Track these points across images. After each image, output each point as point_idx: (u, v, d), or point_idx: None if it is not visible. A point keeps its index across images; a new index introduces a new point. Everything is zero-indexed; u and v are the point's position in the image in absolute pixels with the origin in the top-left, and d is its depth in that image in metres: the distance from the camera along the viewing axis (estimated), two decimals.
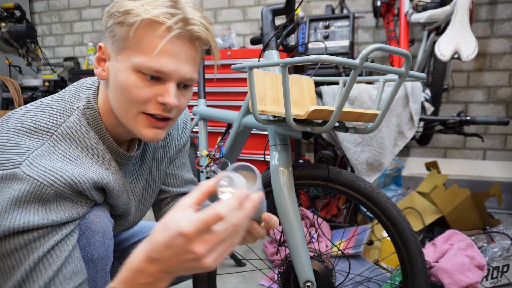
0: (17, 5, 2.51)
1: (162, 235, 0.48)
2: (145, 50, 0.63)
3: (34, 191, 0.60)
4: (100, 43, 0.69)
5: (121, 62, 0.65)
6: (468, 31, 1.64)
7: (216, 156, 1.24)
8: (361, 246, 1.66)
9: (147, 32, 0.63)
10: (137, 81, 0.64)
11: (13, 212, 0.58)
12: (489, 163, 2.52)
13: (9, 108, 2.57)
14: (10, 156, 0.61)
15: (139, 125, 0.68)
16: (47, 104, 0.70)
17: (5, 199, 0.58)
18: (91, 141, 0.70)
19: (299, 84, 1.11)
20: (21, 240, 0.59)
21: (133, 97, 0.65)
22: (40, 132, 0.65)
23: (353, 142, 1.52)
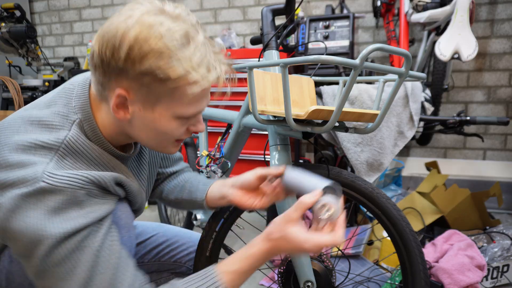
0: (17, 5, 2.51)
1: (286, 246, 0.68)
2: (188, 102, 0.66)
3: (68, 197, 0.61)
4: (120, 90, 0.63)
5: (159, 112, 0.66)
6: (468, 31, 1.64)
7: (216, 156, 1.24)
8: (361, 246, 1.66)
9: (201, 92, 0.66)
10: (178, 126, 0.69)
11: (57, 220, 0.60)
12: (489, 163, 2.52)
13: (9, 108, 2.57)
14: (26, 173, 0.60)
15: (169, 147, 0.74)
16: (41, 119, 0.66)
17: (44, 211, 0.59)
18: (95, 153, 0.69)
19: (299, 84, 1.11)
20: (72, 242, 0.61)
21: (173, 137, 0.71)
22: (44, 149, 0.63)
23: (353, 142, 1.52)
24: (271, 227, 0.69)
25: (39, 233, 0.58)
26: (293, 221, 0.67)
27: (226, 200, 0.89)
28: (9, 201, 0.59)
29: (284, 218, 0.68)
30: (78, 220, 0.61)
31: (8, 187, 0.59)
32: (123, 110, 0.66)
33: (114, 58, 0.60)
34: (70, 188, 0.61)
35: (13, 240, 0.60)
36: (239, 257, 0.70)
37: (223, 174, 1.22)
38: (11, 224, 0.59)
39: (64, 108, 0.69)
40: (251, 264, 0.70)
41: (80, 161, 0.67)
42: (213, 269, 0.70)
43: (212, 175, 1.22)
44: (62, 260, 0.60)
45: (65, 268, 0.61)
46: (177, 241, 1.05)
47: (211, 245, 1.01)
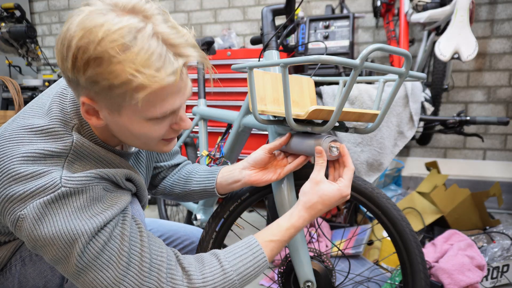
0: (17, 5, 2.51)
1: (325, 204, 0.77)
2: (154, 103, 0.61)
3: (90, 194, 0.63)
4: (82, 98, 0.61)
5: (127, 116, 0.63)
6: (468, 31, 1.64)
7: (216, 156, 1.24)
8: (361, 246, 1.66)
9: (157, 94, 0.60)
10: (152, 126, 0.65)
11: (86, 218, 0.61)
12: (489, 163, 2.52)
13: (9, 108, 2.57)
14: (44, 182, 0.60)
15: (158, 146, 0.72)
16: (43, 128, 0.65)
17: (72, 213, 0.61)
18: (100, 154, 0.70)
19: (299, 84, 1.11)
20: (105, 234, 0.63)
21: (152, 137, 0.68)
22: (53, 158, 0.64)
23: (353, 142, 1.52)
24: (305, 197, 0.77)
25: (72, 234, 0.60)
26: (321, 180, 0.77)
27: (240, 183, 0.91)
28: (34, 211, 0.59)
29: (312, 181, 0.78)
30: (104, 214, 0.63)
31: (29, 198, 0.59)
32: (94, 116, 0.64)
33: (65, 68, 0.59)
34: (88, 186, 0.63)
35: (46, 247, 0.60)
36: (279, 228, 0.76)
37: None
38: (41, 233, 0.59)
39: (61, 114, 0.68)
40: (292, 234, 0.77)
41: (88, 164, 0.68)
42: (254, 239, 0.75)
43: None
44: (99, 253, 0.62)
45: (104, 258, 0.62)
46: (172, 235, 1.06)
47: (211, 245, 1.01)
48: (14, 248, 0.75)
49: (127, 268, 0.64)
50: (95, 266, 0.62)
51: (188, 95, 0.67)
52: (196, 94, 1.64)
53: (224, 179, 0.93)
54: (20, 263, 0.75)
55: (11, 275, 0.76)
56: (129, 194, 0.73)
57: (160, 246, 0.69)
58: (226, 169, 0.95)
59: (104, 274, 0.62)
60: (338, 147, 0.79)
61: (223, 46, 2.62)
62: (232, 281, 0.70)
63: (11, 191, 0.59)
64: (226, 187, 0.94)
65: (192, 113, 1.59)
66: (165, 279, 0.66)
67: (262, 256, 0.73)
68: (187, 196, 1.00)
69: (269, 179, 0.89)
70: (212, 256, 0.73)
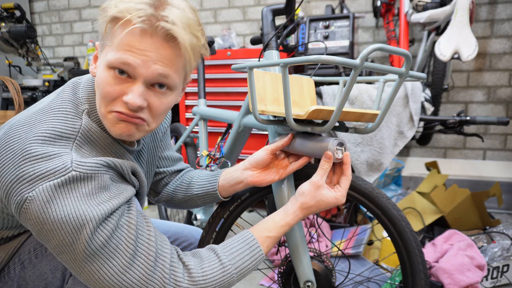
0: (17, 5, 2.51)
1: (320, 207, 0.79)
2: (115, 46, 0.63)
3: (98, 182, 0.64)
4: (97, 42, 0.71)
5: (101, 58, 0.67)
6: (468, 31, 1.64)
7: (216, 156, 1.24)
8: (361, 246, 1.66)
9: (114, 28, 0.63)
10: (108, 77, 0.64)
11: (94, 205, 0.62)
12: (489, 163, 2.52)
13: (9, 108, 2.57)
14: (55, 164, 0.61)
15: (109, 122, 0.67)
16: (53, 108, 0.68)
17: (80, 198, 0.61)
18: (106, 141, 0.71)
19: (299, 84, 1.11)
20: (112, 222, 0.63)
21: (103, 93, 0.65)
22: (62, 139, 0.65)
23: (353, 142, 1.52)
24: (303, 197, 0.79)
25: (81, 218, 0.60)
26: (322, 186, 0.78)
27: (242, 184, 0.91)
28: (43, 194, 0.58)
29: (314, 185, 0.78)
30: (111, 202, 0.64)
31: (39, 180, 0.59)
32: (95, 63, 0.71)
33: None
34: (98, 173, 0.64)
35: (54, 231, 0.59)
36: (275, 224, 0.78)
37: None
38: (50, 216, 0.59)
39: (73, 97, 0.71)
40: (286, 231, 0.79)
41: (95, 149, 0.69)
42: (251, 234, 0.77)
43: None
44: (106, 241, 0.62)
45: (111, 247, 0.63)
46: (171, 236, 1.05)
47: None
48: (12, 251, 0.74)
49: (133, 257, 0.64)
50: (102, 255, 0.62)
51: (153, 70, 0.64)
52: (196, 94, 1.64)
53: (226, 181, 0.93)
54: (19, 267, 0.74)
55: (10, 279, 0.75)
56: (132, 188, 0.73)
57: (165, 241, 0.71)
58: (227, 171, 0.94)
59: (111, 263, 0.62)
60: (343, 150, 0.80)
61: (223, 46, 2.62)
62: (230, 275, 0.71)
63: (21, 171, 0.59)
64: (228, 189, 0.93)
65: (192, 113, 1.59)
66: (168, 274, 0.66)
67: (258, 250, 0.75)
68: (190, 201, 1.00)
69: (272, 179, 0.89)
70: (210, 251, 0.74)
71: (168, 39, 0.63)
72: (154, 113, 0.69)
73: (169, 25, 0.62)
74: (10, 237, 0.75)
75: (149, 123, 0.69)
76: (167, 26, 0.62)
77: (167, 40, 0.63)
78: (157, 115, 0.69)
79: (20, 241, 0.75)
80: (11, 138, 0.63)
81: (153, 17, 0.61)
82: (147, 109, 0.67)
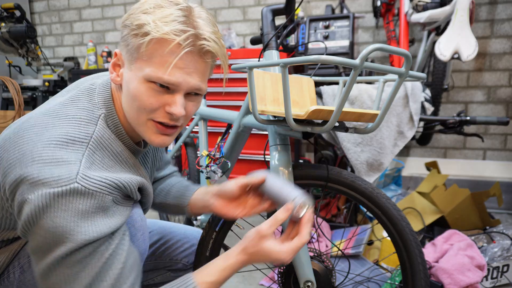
0: (17, 5, 2.51)
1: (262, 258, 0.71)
2: (156, 63, 0.66)
3: (98, 202, 0.63)
4: (116, 49, 0.72)
5: (133, 71, 0.68)
6: (468, 31, 1.64)
7: (216, 156, 1.24)
8: (361, 246, 1.66)
9: (158, 47, 0.66)
10: (147, 90, 0.67)
11: (83, 225, 0.61)
12: (489, 163, 2.52)
13: (9, 108, 2.57)
14: (60, 172, 0.61)
15: (148, 131, 0.71)
16: (68, 114, 0.69)
17: (74, 214, 0.60)
18: (118, 148, 0.72)
19: (299, 84, 1.11)
20: (90, 248, 0.62)
21: (143, 105, 0.68)
22: (75, 144, 0.65)
23: (353, 142, 1.52)
24: (246, 241, 0.72)
25: (65, 235, 0.60)
26: (267, 236, 0.70)
27: (208, 209, 0.90)
28: (40, 199, 0.59)
29: (258, 233, 0.71)
30: (102, 228, 0.63)
31: (41, 185, 0.59)
32: (116, 71, 0.72)
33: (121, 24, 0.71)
34: (100, 193, 0.63)
35: (36, 235, 0.61)
36: (216, 268, 0.72)
37: (223, 174, 1.22)
38: (39, 221, 0.59)
39: (89, 103, 0.72)
40: (227, 275, 0.72)
41: (107, 156, 0.69)
42: (191, 278, 0.71)
43: (212, 175, 1.22)
44: (74, 263, 0.61)
45: (74, 271, 0.61)
46: (172, 238, 1.05)
47: (211, 245, 1.01)
48: (12, 254, 0.74)
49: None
50: (63, 275, 0.61)
51: (193, 84, 0.69)
52: None
53: (197, 200, 0.93)
54: (19, 270, 0.74)
55: (10, 283, 0.75)
56: (130, 208, 0.73)
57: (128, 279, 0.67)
58: (202, 190, 0.95)
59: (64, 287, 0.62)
60: (306, 209, 0.72)
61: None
62: None
63: (28, 172, 0.60)
64: (197, 209, 0.94)
65: None
66: None
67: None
68: (165, 208, 1.00)
69: (235, 215, 0.86)
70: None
71: (203, 54, 0.69)
72: (188, 117, 0.74)
73: (207, 42, 0.67)
74: (11, 240, 0.75)
75: (181, 126, 0.74)
76: (206, 44, 0.67)
77: (201, 55, 0.69)
78: (188, 118, 0.76)
79: (21, 244, 0.75)
80: (21, 139, 0.64)
81: (194, 37, 0.66)
82: (183, 115, 0.71)
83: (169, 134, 0.73)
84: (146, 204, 0.84)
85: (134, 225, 0.74)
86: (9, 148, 0.64)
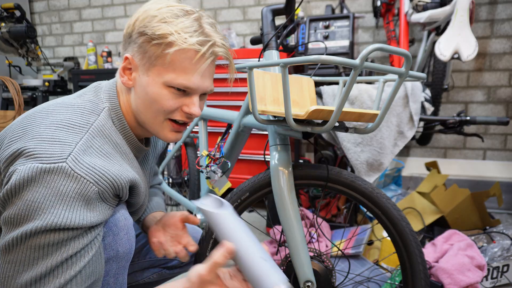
0: (17, 5, 2.51)
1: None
2: (178, 70, 0.72)
3: (80, 188, 0.63)
4: (127, 54, 0.74)
5: (151, 77, 0.73)
6: (468, 31, 1.64)
7: (216, 156, 1.24)
8: (361, 246, 1.66)
9: (180, 55, 0.71)
10: (167, 94, 0.73)
11: (58, 208, 0.61)
12: (489, 163, 2.52)
13: (9, 108, 2.57)
14: (54, 150, 0.63)
15: (164, 129, 0.77)
16: (74, 104, 0.73)
17: (53, 193, 0.61)
18: (118, 140, 0.74)
19: (299, 84, 1.11)
20: (57, 237, 0.61)
21: (163, 107, 0.74)
22: (76, 128, 0.68)
23: (353, 142, 1.52)
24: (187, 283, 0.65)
25: (37, 212, 0.60)
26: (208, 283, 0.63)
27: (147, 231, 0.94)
28: (28, 171, 0.60)
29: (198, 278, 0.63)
30: (75, 218, 0.62)
31: (33, 158, 0.62)
32: (127, 75, 0.75)
33: (128, 28, 0.74)
34: (85, 179, 0.63)
35: (13, 205, 0.61)
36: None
37: (223, 174, 1.22)
38: (21, 191, 0.61)
39: (94, 97, 0.76)
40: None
41: (107, 144, 0.71)
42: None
43: (212, 175, 1.22)
44: (36, 248, 0.60)
45: (34, 255, 0.61)
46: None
47: (211, 245, 1.01)
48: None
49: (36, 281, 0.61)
50: (22, 255, 0.60)
51: (207, 86, 0.76)
52: None
53: (148, 223, 0.97)
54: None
55: None
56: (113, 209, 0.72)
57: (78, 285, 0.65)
58: (158, 214, 0.98)
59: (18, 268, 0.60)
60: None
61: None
62: None
63: (26, 146, 0.63)
64: (145, 228, 0.97)
65: None
66: None
67: None
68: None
69: (166, 251, 0.89)
70: None
71: (214, 58, 0.76)
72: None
73: (220, 49, 0.74)
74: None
75: (189, 123, 0.81)
76: (220, 51, 0.74)
77: (214, 60, 0.76)
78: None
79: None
80: (26, 120, 0.69)
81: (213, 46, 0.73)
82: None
83: (181, 131, 0.80)
84: (136, 205, 0.83)
85: (117, 224, 0.73)
86: (15, 128, 0.68)
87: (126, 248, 0.74)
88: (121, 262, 0.74)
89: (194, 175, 1.82)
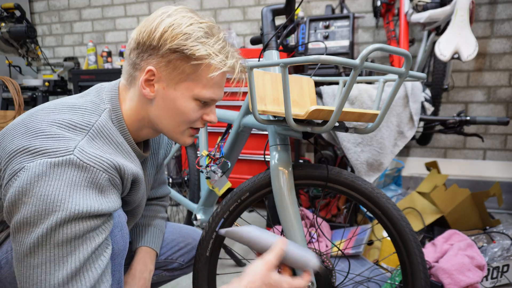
0: (17, 5, 2.51)
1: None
2: (207, 85, 0.75)
3: (92, 176, 0.64)
4: (150, 66, 0.73)
5: (180, 91, 0.75)
6: (468, 31, 1.64)
7: (216, 156, 1.24)
8: (361, 246, 1.66)
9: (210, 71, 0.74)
10: (195, 106, 0.77)
11: (75, 196, 0.61)
12: (489, 163, 2.52)
13: (9, 108, 2.57)
14: (60, 144, 0.63)
15: (184, 136, 0.81)
16: (75, 104, 0.73)
17: (67, 184, 0.61)
18: (119, 139, 0.75)
19: (299, 84, 1.11)
20: (81, 227, 0.62)
21: (189, 119, 0.78)
22: (76, 128, 0.68)
23: (353, 142, 1.52)
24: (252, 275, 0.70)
25: (56, 203, 0.60)
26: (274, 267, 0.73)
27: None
28: (37, 167, 0.61)
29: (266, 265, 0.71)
30: (94, 204, 0.63)
31: (40, 154, 0.62)
32: (149, 87, 0.75)
33: (150, 38, 0.71)
34: (95, 168, 0.64)
35: (26, 204, 0.60)
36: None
37: (223, 174, 1.22)
38: (32, 188, 0.60)
39: (96, 98, 0.77)
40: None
41: (107, 144, 0.71)
42: None
43: (212, 175, 1.22)
44: (63, 243, 0.60)
45: (62, 253, 0.60)
46: (167, 237, 1.05)
47: (211, 245, 1.01)
48: None
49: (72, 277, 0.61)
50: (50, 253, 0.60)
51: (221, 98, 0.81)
52: None
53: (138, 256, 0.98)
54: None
55: None
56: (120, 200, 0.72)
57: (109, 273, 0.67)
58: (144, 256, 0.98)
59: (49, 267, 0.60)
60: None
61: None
62: None
63: (29, 143, 0.63)
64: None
65: None
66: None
67: None
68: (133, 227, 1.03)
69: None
70: None
71: None
72: None
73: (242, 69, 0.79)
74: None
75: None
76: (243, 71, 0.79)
77: None
78: None
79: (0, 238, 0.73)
80: (28, 118, 0.69)
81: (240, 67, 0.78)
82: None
83: (195, 135, 0.84)
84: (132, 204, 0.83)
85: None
86: (16, 126, 0.68)
87: (120, 245, 0.74)
88: (116, 259, 0.74)
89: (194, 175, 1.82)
